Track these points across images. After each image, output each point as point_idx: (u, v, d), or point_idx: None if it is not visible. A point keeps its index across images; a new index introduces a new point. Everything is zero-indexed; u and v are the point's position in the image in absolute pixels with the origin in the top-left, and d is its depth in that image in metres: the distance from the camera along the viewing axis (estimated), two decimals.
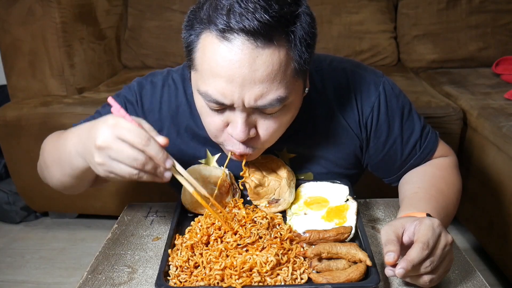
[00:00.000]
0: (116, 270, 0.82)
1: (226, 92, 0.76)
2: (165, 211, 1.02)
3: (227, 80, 0.75)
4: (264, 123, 0.82)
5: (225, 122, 0.82)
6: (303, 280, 0.74)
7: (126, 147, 0.71)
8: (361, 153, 1.02)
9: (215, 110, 0.81)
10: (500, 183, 1.61)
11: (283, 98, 0.78)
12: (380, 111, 0.97)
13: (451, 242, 0.74)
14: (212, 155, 1.01)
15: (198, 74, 0.80)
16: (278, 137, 0.88)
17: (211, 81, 0.76)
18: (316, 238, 0.79)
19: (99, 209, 2.08)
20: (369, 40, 2.34)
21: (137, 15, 2.37)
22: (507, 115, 1.67)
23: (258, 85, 0.75)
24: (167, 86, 1.00)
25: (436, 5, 2.33)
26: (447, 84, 2.09)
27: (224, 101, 0.77)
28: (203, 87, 0.78)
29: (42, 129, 1.89)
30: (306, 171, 1.02)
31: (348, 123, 0.98)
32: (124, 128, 0.71)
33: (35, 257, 1.99)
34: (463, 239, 1.99)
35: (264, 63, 0.74)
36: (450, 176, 0.99)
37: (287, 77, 0.77)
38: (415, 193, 0.92)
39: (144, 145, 0.71)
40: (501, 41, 2.33)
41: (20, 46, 1.93)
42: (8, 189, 2.16)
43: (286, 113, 0.83)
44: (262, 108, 0.78)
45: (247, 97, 0.76)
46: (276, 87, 0.76)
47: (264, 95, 0.76)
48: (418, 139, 1.00)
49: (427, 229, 0.72)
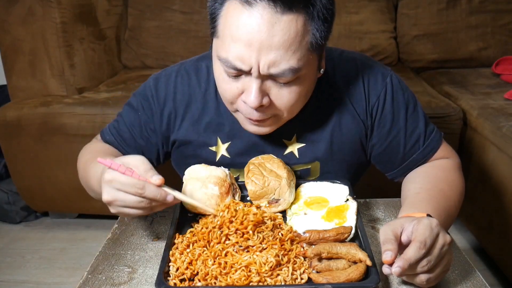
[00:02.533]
0: (116, 270, 0.82)
1: (244, 56, 0.80)
2: (165, 211, 1.01)
3: (246, 44, 0.79)
4: (277, 92, 0.86)
5: (241, 90, 0.86)
6: (303, 280, 0.74)
7: (128, 196, 0.78)
8: (366, 141, 1.04)
9: (231, 77, 0.85)
10: (500, 183, 1.61)
11: (295, 69, 0.81)
12: (386, 100, 1.00)
13: (449, 242, 0.74)
14: (223, 143, 1.04)
15: (219, 40, 0.84)
16: (293, 111, 0.92)
17: (231, 46, 0.81)
18: (316, 238, 0.79)
19: (99, 209, 2.07)
20: (369, 40, 2.34)
21: (137, 15, 2.37)
22: (507, 115, 1.67)
23: (274, 51, 0.79)
24: (180, 76, 1.04)
25: (436, 5, 2.33)
26: (447, 84, 2.09)
27: (241, 66, 0.81)
28: (223, 54, 0.83)
29: (42, 129, 1.89)
30: (313, 160, 1.04)
31: (356, 109, 1.01)
32: (119, 182, 0.78)
33: (35, 257, 1.99)
34: (463, 239, 1.99)
35: (281, 29, 0.78)
36: (453, 178, 0.99)
37: (302, 48, 0.81)
38: (417, 194, 0.93)
39: (141, 192, 0.77)
40: (501, 41, 2.33)
41: (20, 46, 1.93)
42: (8, 189, 2.17)
43: (299, 85, 0.86)
44: (275, 75, 0.82)
45: (262, 62, 0.80)
46: (291, 55, 0.80)
47: (278, 62, 0.80)
48: (421, 134, 1.02)
49: (424, 228, 0.72)
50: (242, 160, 1.02)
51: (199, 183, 0.92)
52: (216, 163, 1.04)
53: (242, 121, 0.94)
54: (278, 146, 1.03)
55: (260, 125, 0.92)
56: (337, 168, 1.05)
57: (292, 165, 1.03)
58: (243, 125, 0.95)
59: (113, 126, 1.09)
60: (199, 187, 0.91)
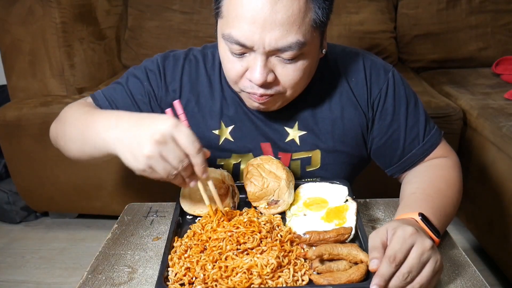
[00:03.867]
0: (116, 270, 0.82)
1: (248, 33, 0.82)
2: (165, 211, 1.02)
3: (250, 21, 0.81)
4: (282, 69, 0.88)
5: (245, 68, 0.89)
6: (304, 282, 0.74)
7: (178, 149, 0.75)
8: (367, 133, 1.06)
9: (236, 56, 0.88)
10: (500, 183, 1.61)
11: (300, 42, 0.84)
12: (387, 94, 1.02)
13: (430, 248, 0.72)
14: (226, 127, 1.05)
15: (223, 20, 0.87)
16: (296, 88, 0.93)
17: (235, 23, 0.83)
18: (316, 239, 0.79)
19: (99, 209, 2.08)
20: (369, 40, 2.34)
21: (137, 15, 2.37)
22: (507, 115, 1.67)
23: (278, 27, 0.81)
24: (188, 60, 1.06)
25: (436, 5, 2.33)
26: (447, 84, 2.09)
27: (246, 42, 0.83)
28: (227, 30, 0.85)
29: (42, 129, 1.89)
30: (314, 148, 1.05)
31: (358, 99, 1.03)
32: (182, 132, 0.75)
33: (35, 257, 1.99)
34: (463, 239, 1.99)
35: (284, 6, 0.80)
36: (451, 176, 0.99)
37: (305, 24, 0.83)
38: (413, 194, 0.93)
39: (194, 153, 0.76)
40: (501, 41, 2.33)
41: (20, 46, 1.93)
42: (8, 189, 2.17)
43: (303, 62, 0.89)
44: (281, 51, 0.84)
45: (267, 38, 0.82)
46: (295, 31, 0.83)
47: (283, 37, 0.82)
48: (421, 130, 1.03)
49: (395, 241, 0.72)
50: (245, 144, 1.04)
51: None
52: (219, 146, 1.05)
53: (246, 99, 0.96)
54: (280, 133, 1.04)
55: (264, 102, 0.93)
56: (337, 160, 1.06)
57: (293, 153, 1.05)
58: (247, 103, 0.98)
59: (108, 93, 1.07)
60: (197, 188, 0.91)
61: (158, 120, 0.76)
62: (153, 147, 0.74)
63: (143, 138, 0.75)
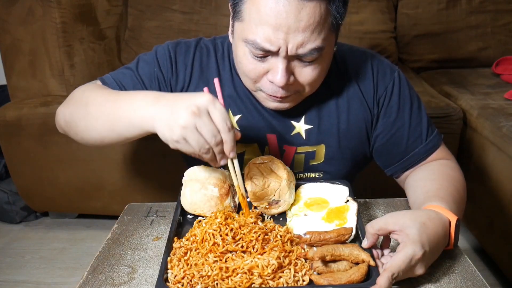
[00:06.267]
0: (116, 270, 0.82)
1: (273, 39, 0.85)
2: (165, 211, 1.02)
3: (274, 28, 0.84)
4: (302, 70, 0.91)
5: (266, 69, 0.91)
6: (305, 282, 0.74)
7: (212, 124, 0.77)
8: (371, 130, 1.07)
9: (258, 58, 0.90)
10: (500, 183, 1.61)
11: (320, 47, 0.87)
12: (393, 92, 1.04)
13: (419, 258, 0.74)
14: (234, 115, 1.06)
15: (244, 24, 0.88)
16: (314, 86, 0.97)
17: (259, 29, 0.85)
18: (317, 239, 0.79)
19: (99, 209, 2.08)
20: (369, 40, 2.34)
21: (137, 15, 2.37)
22: (507, 115, 1.67)
23: (301, 34, 0.84)
24: (200, 48, 1.09)
25: (436, 5, 2.33)
26: (447, 84, 2.09)
27: (270, 48, 0.86)
28: (251, 36, 0.87)
29: (42, 129, 1.89)
30: (319, 143, 1.07)
31: (364, 95, 1.05)
32: (217, 108, 0.78)
33: (35, 257, 1.99)
34: (463, 239, 1.99)
35: (307, 14, 0.83)
36: (457, 176, 1.00)
37: (325, 29, 0.87)
38: (438, 189, 0.92)
39: (226, 130, 0.78)
40: (501, 41, 2.33)
41: (20, 46, 1.93)
42: (8, 189, 2.17)
43: (321, 62, 0.92)
44: (302, 55, 0.87)
45: (291, 44, 0.85)
46: (316, 37, 0.86)
47: (305, 43, 0.85)
48: (424, 130, 1.05)
49: (403, 259, 0.73)
50: (251, 134, 1.06)
51: (199, 185, 0.92)
52: None
53: (263, 99, 0.99)
54: (286, 126, 1.06)
55: (283, 101, 0.96)
56: (341, 156, 1.07)
57: (298, 146, 1.06)
58: (263, 103, 1.00)
59: (117, 76, 1.06)
60: (198, 188, 0.91)
61: (196, 95, 0.79)
62: (188, 118, 0.76)
63: (180, 109, 0.77)
